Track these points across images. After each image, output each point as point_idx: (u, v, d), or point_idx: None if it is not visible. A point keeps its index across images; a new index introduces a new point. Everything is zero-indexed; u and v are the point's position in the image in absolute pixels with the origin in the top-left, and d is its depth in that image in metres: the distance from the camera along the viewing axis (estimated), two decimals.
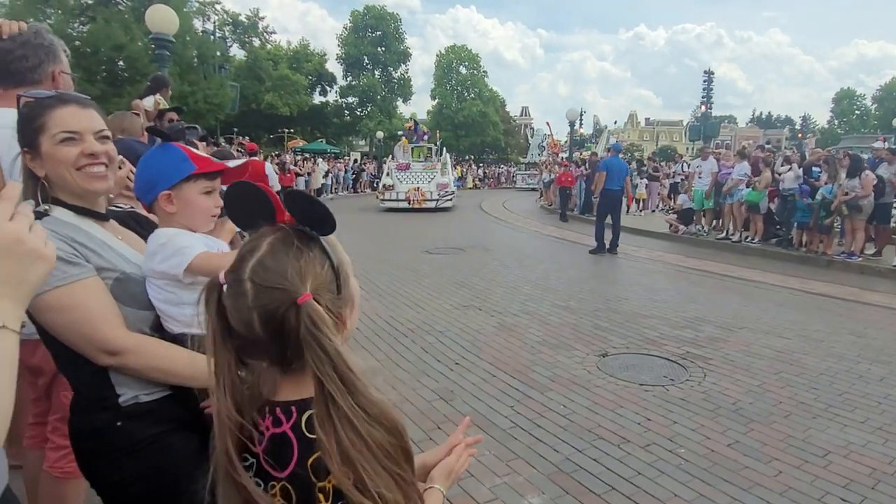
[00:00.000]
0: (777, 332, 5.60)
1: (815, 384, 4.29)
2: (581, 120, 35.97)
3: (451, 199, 19.09)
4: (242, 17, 44.16)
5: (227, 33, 41.89)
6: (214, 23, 37.02)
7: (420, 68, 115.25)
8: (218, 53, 31.78)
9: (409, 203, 18.14)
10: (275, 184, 11.92)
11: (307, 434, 0.82)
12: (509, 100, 77.54)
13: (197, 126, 4.96)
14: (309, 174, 21.89)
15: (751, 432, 3.51)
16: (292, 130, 41.75)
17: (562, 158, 20.39)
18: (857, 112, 68.62)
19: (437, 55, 55.75)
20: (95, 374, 1.32)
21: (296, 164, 20.93)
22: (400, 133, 23.54)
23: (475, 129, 51.54)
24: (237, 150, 16.32)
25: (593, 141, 23.63)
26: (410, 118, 23.61)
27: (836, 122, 70.15)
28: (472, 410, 3.76)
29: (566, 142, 34.56)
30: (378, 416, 0.80)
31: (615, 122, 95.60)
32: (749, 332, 5.61)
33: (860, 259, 9.13)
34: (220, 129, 29.29)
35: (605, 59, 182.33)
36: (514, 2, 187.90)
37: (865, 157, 10.46)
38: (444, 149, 22.71)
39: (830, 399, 4.01)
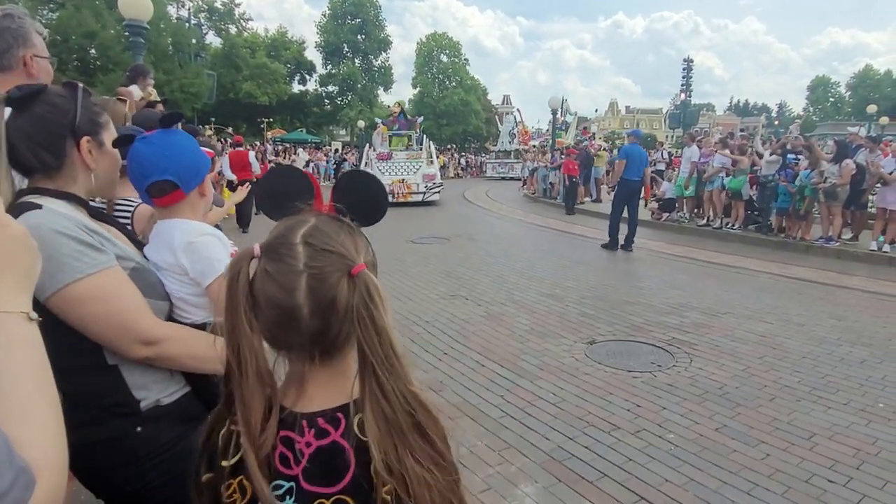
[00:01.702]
0: (759, 317, 5.68)
1: (799, 367, 4.36)
2: (563, 108, 35.81)
3: (438, 192, 17.67)
4: (218, 4, 43.25)
5: (202, 20, 41.03)
6: (189, 9, 36.29)
7: (400, 56, 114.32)
8: (193, 41, 31.16)
9: (392, 196, 16.22)
10: (257, 171, 11.92)
11: (362, 437, 0.77)
12: (491, 88, 77.29)
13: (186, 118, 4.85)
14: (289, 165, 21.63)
15: (738, 416, 3.56)
16: (271, 120, 41.19)
17: (567, 146, 19.14)
18: (831, 99, 69.79)
19: (418, 43, 55.30)
20: (109, 379, 1.25)
21: (276, 155, 20.54)
22: (379, 122, 22.00)
23: (457, 117, 51.28)
24: (220, 141, 16.11)
25: (562, 128, 23.31)
26: (397, 104, 21.81)
27: (811, 109, 71.27)
28: (463, 401, 3.75)
29: (548, 130, 34.60)
30: (422, 401, 0.79)
31: (596, 111, 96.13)
32: (732, 317, 5.69)
33: (838, 244, 9.30)
34: (198, 118, 28.76)
35: (584, 48, 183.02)
36: None
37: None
38: (426, 137, 21.57)
39: (814, 382, 4.09)
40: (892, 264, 8.37)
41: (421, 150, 18.90)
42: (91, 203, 1.56)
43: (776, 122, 64.42)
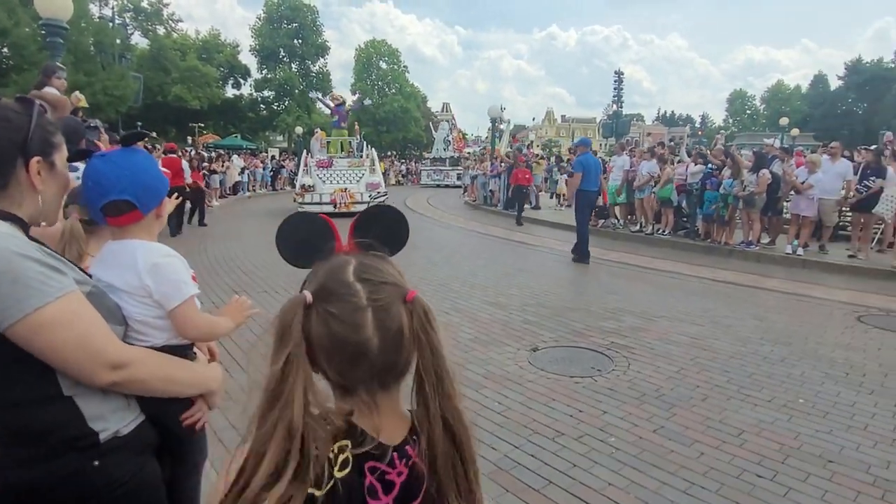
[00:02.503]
0: (690, 320, 5.96)
1: (727, 367, 4.60)
2: (502, 117, 36.24)
3: (383, 201, 16.82)
4: (145, 4, 41.42)
5: (127, 20, 39.13)
6: (113, 8, 34.49)
7: (338, 62, 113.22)
8: (118, 41, 29.58)
9: (334, 206, 15.49)
10: (188, 180, 11.54)
11: (427, 457, 0.83)
12: (430, 96, 77.78)
13: (97, 123, 4.59)
14: (223, 172, 20.82)
15: (673, 417, 3.71)
16: (203, 125, 39.70)
17: (517, 151, 18.83)
18: (748, 112, 74.68)
19: (357, 49, 54.95)
20: (65, 411, 1.16)
21: (211, 161, 19.64)
22: (317, 130, 21.16)
23: (397, 124, 51.26)
24: (147, 146, 15.32)
25: (498, 136, 23.63)
26: (338, 95, 20.16)
27: (731, 120, 75.97)
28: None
29: (487, 137, 34.93)
30: (467, 422, 0.84)
31: (533, 119, 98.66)
32: (666, 320, 5.94)
33: (757, 248, 9.93)
34: (122, 122, 27.30)
35: (520, 58, 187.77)
36: None
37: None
38: (367, 144, 20.81)
39: (741, 380, 4.32)
40: (806, 266, 9.02)
41: (363, 157, 18.14)
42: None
43: (700, 133, 68.19)
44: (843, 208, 10.26)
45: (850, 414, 3.77)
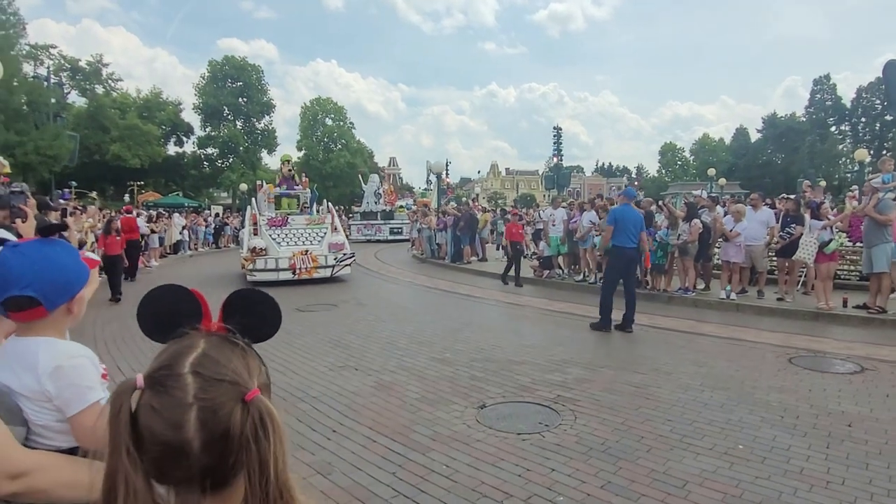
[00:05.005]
0: (633, 368, 6.07)
1: (669, 416, 4.68)
2: (447, 170, 36.66)
3: (349, 264, 14.30)
4: (83, 63, 40.77)
5: (64, 79, 38.30)
6: (49, 67, 33.68)
7: (283, 118, 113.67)
8: (53, 100, 28.77)
9: (293, 273, 13.21)
10: (144, 230, 11.25)
11: None
12: (377, 150, 78.76)
13: (24, 187, 4.40)
14: (160, 232, 20.04)
15: (619, 471, 3.71)
16: (142, 183, 38.68)
17: (511, 206, 17.99)
18: (679, 163, 79.24)
19: (303, 107, 55.55)
20: None
21: (150, 220, 18.89)
22: (262, 182, 18.73)
23: (344, 179, 51.50)
24: (77, 209, 14.70)
25: (428, 189, 23.52)
26: (284, 159, 17.95)
27: (663, 171, 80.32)
28: (353, 483, 3.56)
29: (430, 191, 35.11)
30: None
31: (479, 172, 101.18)
32: (610, 370, 6.03)
33: (694, 294, 10.34)
34: (56, 181, 26.25)
35: (463, 113, 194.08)
36: (374, 58, 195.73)
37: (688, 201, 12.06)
38: (322, 198, 18.41)
39: (683, 429, 4.39)
40: (739, 310, 9.43)
41: (321, 213, 15.86)
42: None
43: (636, 183, 71.66)
44: (770, 254, 10.90)
45: (787, 458, 3.87)
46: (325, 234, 14.44)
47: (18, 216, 2.79)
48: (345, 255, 14.04)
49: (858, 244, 10.38)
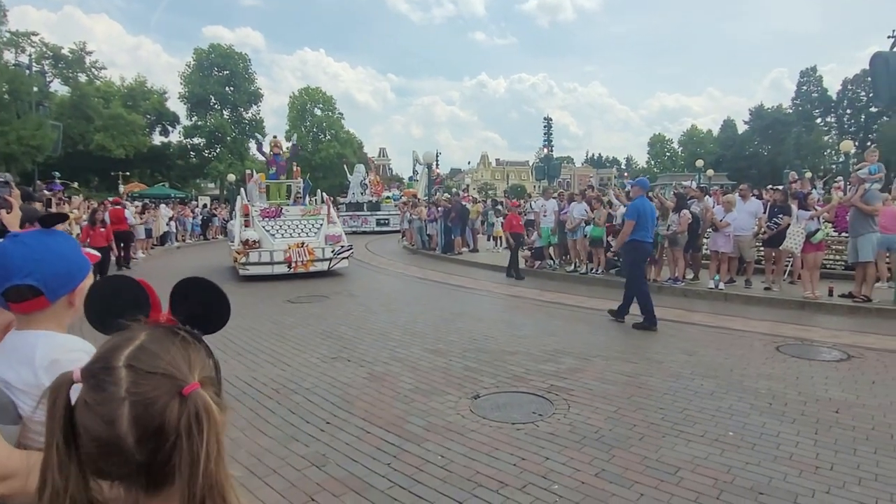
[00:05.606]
0: (625, 358, 6.13)
1: (661, 404, 4.73)
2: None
3: (347, 257, 13.68)
4: (66, 51, 40.03)
5: (46, 67, 37.60)
6: (30, 55, 33.00)
7: (270, 108, 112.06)
8: (35, 89, 28.24)
9: (289, 267, 12.58)
10: (132, 221, 11.14)
11: None
12: (366, 141, 78.61)
13: (8, 178, 4.32)
14: (145, 223, 19.68)
15: (613, 458, 3.75)
16: (127, 173, 38.19)
17: (503, 197, 17.59)
18: (667, 154, 79.72)
19: (291, 97, 55.11)
20: None
21: (140, 212, 18.60)
22: (251, 172, 18.07)
23: (333, 170, 51.15)
24: (62, 200, 14.49)
25: (415, 179, 23.15)
26: (273, 140, 16.73)
27: (652, 162, 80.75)
28: (348, 474, 3.57)
29: (417, 181, 34.73)
30: None
31: (469, 163, 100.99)
32: (602, 359, 6.08)
33: (683, 283, 10.43)
34: (40, 172, 25.82)
35: (453, 104, 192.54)
36: (363, 48, 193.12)
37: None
38: (315, 188, 17.59)
39: (675, 417, 4.44)
40: (728, 299, 9.54)
41: (314, 204, 15.22)
42: None
43: (625, 175, 71.95)
44: (758, 244, 11.01)
45: (776, 444, 3.93)
46: (321, 225, 13.88)
47: (3, 206, 2.74)
48: (342, 247, 13.46)
49: (844, 234, 10.52)
